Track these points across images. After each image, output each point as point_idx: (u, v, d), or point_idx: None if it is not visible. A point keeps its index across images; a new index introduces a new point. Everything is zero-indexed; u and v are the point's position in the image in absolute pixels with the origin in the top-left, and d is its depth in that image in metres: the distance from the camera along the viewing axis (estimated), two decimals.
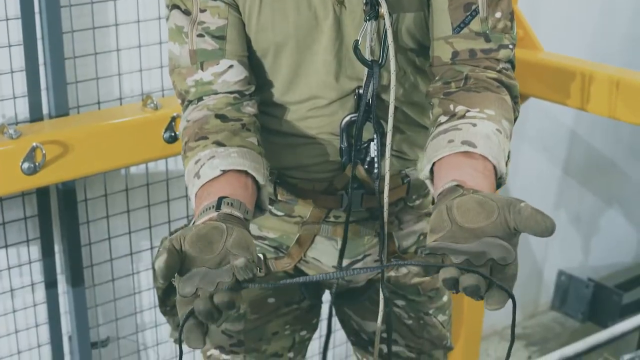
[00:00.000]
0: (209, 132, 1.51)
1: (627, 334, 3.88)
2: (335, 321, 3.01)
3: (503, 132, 1.40)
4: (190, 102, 1.61)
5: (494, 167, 1.36)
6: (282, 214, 1.72)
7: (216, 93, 1.58)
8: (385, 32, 1.52)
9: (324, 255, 1.74)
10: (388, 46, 1.53)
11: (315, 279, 1.26)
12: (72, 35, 2.27)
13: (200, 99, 1.59)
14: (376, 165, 1.62)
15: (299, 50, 1.57)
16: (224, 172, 1.43)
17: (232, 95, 1.58)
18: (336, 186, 1.65)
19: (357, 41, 1.53)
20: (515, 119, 1.52)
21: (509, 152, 1.42)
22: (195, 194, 1.44)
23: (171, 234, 1.82)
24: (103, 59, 2.36)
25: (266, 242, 1.76)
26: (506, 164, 1.39)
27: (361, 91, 1.58)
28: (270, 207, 1.72)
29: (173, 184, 2.59)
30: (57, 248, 2.44)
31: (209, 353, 1.90)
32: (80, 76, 2.33)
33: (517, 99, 1.54)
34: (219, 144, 1.48)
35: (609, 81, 2.47)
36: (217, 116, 1.55)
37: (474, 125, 1.39)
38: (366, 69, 1.56)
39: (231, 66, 1.58)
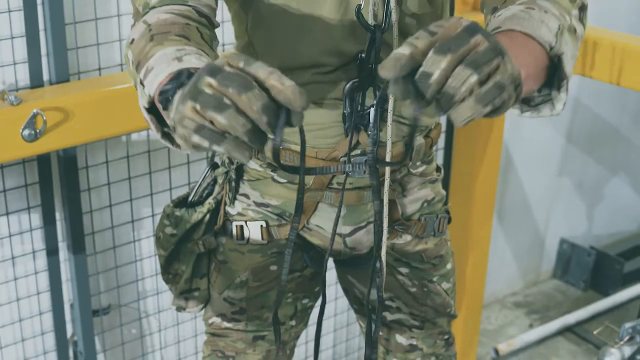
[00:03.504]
0: (190, 36, 1.39)
1: (629, 302, 3.91)
2: (337, 289, 3.01)
3: (538, 8, 1.33)
4: (151, 8, 1.45)
5: (532, 38, 1.28)
6: (284, 181, 1.71)
7: (185, 4, 1.46)
8: None
9: (327, 222, 1.73)
10: (391, 11, 1.51)
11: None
12: (73, 1, 2.25)
13: (165, 5, 1.46)
14: (370, 130, 1.60)
15: (302, 15, 1.55)
16: None
17: (199, 15, 1.47)
18: (339, 152, 1.64)
19: (359, 5, 1.52)
20: (580, 3, 1.43)
21: (561, 26, 1.32)
22: (170, 73, 1.28)
23: (172, 201, 1.82)
24: (104, 24, 2.34)
25: (269, 209, 1.75)
26: (558, 35, 1.30)
27: (363, 55, 1.57)
28: (273, 174, 1.72)
29: (174, 151, 2.58)
30: (59, 215, 2.43)
31: (210, 321, 1.90)
32: (81, 42, 2.31)
33: None
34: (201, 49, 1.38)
35: (614, 47, 2.46)
36: (189, 24, 1.42)
37: (498, 15, 1.35)
38: (369, 34, 1.55)
39: None
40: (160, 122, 1.30)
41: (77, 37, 2.29)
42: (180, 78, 1.20)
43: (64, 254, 2.48)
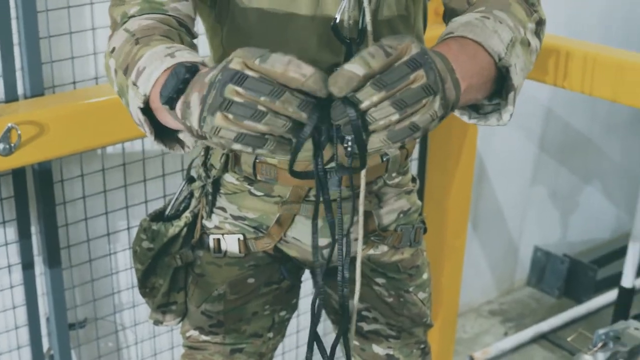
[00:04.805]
0: (173, 38, 1.39)
1: (602, 309, 3.94)
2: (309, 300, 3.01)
3: (493, 18, 1.36)
4: (130, 17, 1.44)
5: (482, 47, 1.30)
6: (261, 194, 1.71)
7: (165, 13, 1.46)
8: (364, 10, 1.51)
9: (304, 234, 1.74)
10: (366, 24, 1.52)
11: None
12: (47, 15, 2.25)
13: (144, 14, 1.45)
14: (350, 143, 1.61)
15: (277, 26, 1.55)
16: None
17: (179, 24, 1.46)
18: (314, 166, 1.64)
19: (335, 19, 1.52)
20: (537, 18, 1.46)
21: (514, 38, 1.35)
22: (165, 69, 1.28)
23: (149, 215, 1.82)
24: (78, 38, 2.34)
25: (246, 222, 1.75)
26: (509, 47, 1.33)
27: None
28: (249, 187, 1.72)
29: (149, 164, 2.58)
30: (34, 229, 2.42)
31: (188, 334, 1.90)
32: (55, 56, 2.31)
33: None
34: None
35: (585, 58, 2.48)
36: (171, 30, 1.42)
37: (455, 20, 1.38)
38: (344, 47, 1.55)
39: None
40: (153, 123, 1.30)
41: (52, 51, 2.29)
42: (179, 74, 1.19)
43: (39, 267, 2.47)
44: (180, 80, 1.18)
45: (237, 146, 1.10)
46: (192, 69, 1.19)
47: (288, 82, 1.07)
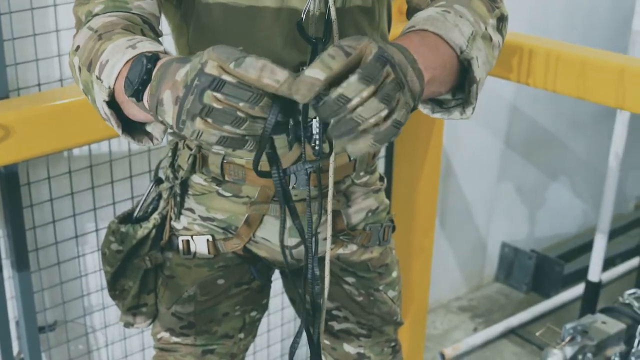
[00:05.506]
0: (135, 32, 1.40)
1: (569, 304, 3.98)
2: (283, 299, 3.02)
3: (454, 12, 1.38)
4: (94, 16, 1.45)
5: (444, 40, 1.32)
6: (229, 195, 1.71)
7: (129, 11, 1.47)
8: (329, 9, 1.51)
9: (273, 234, 1.74)
10: (332, 22, 1.52)
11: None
12: (10, 17, 2.23)
13: (108, 12, 1.46)
14: (317, 142, 1.62)
15: (243, 25, 1.55)
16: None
17: (143, 22, 1.47)
18: (282, 165, 1.64)
19: (301, 19, 1.53)
20: (499, 14, 1.48)
21: (475, 32, 1.37)
22: (127, 61, 1.29)
23: (117, 217, 1.82)
24: (42, 40, 2.33)
25: (215, 223, 1.76)
26: (470, 40, 1.35)
27: (305, 68, 1.57)
28: (217, 188, 1.72)
29: (117, 166, 2.57)
30: (1, 232, 2.41)
31: (159, 336, 1.90)
32: (20, 58, 2.29)
33: None
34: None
35: (548, 55, 2.50)
36: (134, 25, 1.43)
37: (416, 15, 1.40)
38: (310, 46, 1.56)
39: None
40: (119, 116, 1.31)
41: (16, 53, 2.28)
42: (142, 64, 1.20)
43: (7, 271, 2.45)
44: (143, 71, 1.20)
45: (218, 148, 1.13)
46: (152, 59, 1.21)
47: (262, 88, 1.08)
